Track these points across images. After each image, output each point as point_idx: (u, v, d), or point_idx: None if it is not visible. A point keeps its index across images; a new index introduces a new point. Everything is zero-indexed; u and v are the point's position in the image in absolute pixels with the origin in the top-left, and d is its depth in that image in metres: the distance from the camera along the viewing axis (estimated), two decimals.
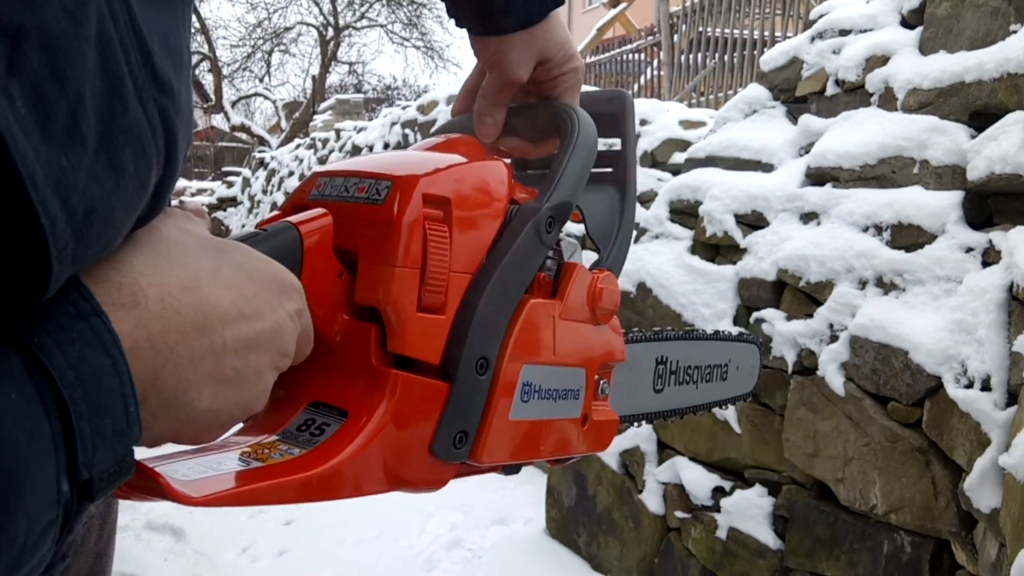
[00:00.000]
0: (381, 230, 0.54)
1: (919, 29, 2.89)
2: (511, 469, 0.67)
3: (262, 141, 18.47)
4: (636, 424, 0.87)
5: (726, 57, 7.20)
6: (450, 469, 0.59)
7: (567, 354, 0.64)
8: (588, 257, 0.70)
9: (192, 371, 0.41)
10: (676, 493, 3.02)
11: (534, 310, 0.61)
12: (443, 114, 7.10)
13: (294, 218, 0.56)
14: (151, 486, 0.44)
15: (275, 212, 0.59)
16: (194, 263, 0.43)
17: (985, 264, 2.19)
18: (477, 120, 0.74)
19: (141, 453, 0.45)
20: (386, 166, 0.59)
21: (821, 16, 3.43)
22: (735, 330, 1.97)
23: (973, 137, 2.39)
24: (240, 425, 0.56)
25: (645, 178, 4.04)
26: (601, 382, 0.69)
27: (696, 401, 0.94)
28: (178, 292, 0.41)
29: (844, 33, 3.22)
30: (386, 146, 8.02)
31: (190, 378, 0.41)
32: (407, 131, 7.79)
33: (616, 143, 0.78)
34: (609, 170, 0.77)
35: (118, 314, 0.38)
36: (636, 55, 9.27)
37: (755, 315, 2.77)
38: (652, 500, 3.12)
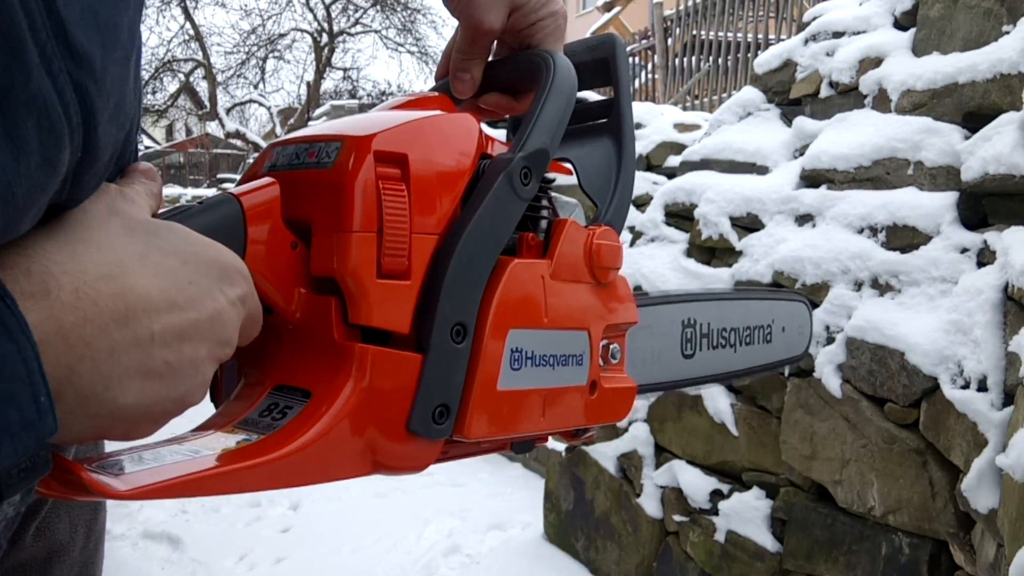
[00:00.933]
0: (332, 194, 0.50)
1: (912, 31, 2.89)
2: (522, 446, 0.62)
3: (257, 148, 18.46)
4: (666, 393, 0.81)
5: (720, 60, 7.22)
6: (432, 448, 0.54)
7: (562, 316, 0.59)
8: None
9: (113, 366, 0.38)
10: (674, 496, 3.01)
11: (517, 270, 0.56)
12: None
13: (236, 189, 0.52)
14: (72, 480, 0.40)
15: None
16: (118, 249, 0.40)
17: (980, 264, 2.20)
18: (453, 77, 0.68)
19: (110, 446, 0.42)
20: (339, 128, 0.55)
21: (814, 18, 3.44)
22: None
23: (967, 138, 2.40)
24: (214, 414, 0.53)
25: (640, 181, 4.05)
26: (611, 346, 0.65)
27: (737, 366, 0.86)
28: (96, 281, 0.38)
29: (837, 35, 3.22)
30: None
31: (111, 373, 0.38)
32: None
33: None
34: (603, 120, 0.71)
35: (26, 304, 0.35)
36: (630, 59, 9.27)
37: None
38: (650, 504, 3.12)
